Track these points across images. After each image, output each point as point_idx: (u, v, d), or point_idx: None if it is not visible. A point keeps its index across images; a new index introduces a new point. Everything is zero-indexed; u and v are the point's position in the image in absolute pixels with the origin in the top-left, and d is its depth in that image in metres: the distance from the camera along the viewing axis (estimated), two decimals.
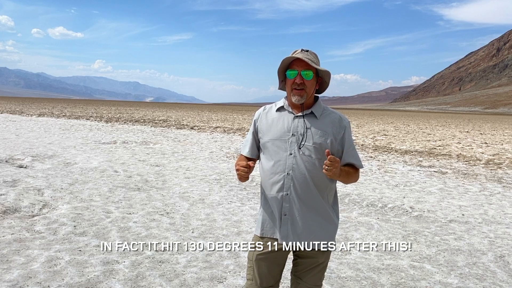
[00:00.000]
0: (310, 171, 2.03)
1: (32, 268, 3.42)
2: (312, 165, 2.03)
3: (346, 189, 7.15)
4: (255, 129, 2.20)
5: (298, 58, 2.02)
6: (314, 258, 2.13)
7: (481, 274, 3.77)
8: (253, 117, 2.24)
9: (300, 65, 2.03)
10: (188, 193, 6.45)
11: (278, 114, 2.14)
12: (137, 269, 3.54)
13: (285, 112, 2.13)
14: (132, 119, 27.50)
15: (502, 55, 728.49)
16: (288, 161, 2.04)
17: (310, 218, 2.06)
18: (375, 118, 53.64)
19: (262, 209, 2.19)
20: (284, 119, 2.11)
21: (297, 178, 2.03)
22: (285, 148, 2.05)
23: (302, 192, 2.04)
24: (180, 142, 14.17)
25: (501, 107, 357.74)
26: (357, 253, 4.18)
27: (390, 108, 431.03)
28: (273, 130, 2.10)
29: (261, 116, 2.19)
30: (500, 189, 7.87)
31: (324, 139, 2.05)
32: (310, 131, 2.05)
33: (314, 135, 2.05)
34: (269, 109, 2.20)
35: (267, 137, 2.11)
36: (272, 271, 2.16)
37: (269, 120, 2.14)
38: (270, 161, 2.09)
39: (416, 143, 16.88)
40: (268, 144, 2.10)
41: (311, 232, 2.07)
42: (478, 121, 53.65)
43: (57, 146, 11.56)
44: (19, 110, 36.16)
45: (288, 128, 2.07)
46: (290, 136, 2.06)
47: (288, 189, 2.04)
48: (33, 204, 5.29)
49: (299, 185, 2.03)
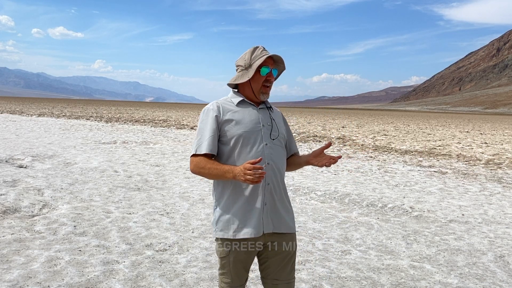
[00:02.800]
0: (282, 160, 2.14)
1: (32, 268, 3.42)
2: (281, 154, 2.15)
3: (346, 189, 7.15)
4: (218, 124, 2.06)
5: (270, 56, 2.10)
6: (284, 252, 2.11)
7: (481, 274, 3.77)
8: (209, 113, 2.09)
9: (270, 63, 2.12)
10: (188, 193, 6.45)
11: (241, 108, 2.12)
12: (137, 269, 3.54)
13: (247, 104, 2.14)
14: (132, 119, 27.50)
15: (502, 55, 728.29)
16: (266, 151, 2.06)
17: (283, 205, 2.14)
18: (375, 118, 53.65)
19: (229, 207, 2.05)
20: (250, 111, 2.12)
21: (275, 167, 2.09)
22: (260, 139, 2.07)
23: (278, 181, 2.10)
24: (180, 142, 14.17)
25: (501, 107, 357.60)
26: (357, 253, 4.18)
27: (390, 108, 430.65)
28: (244, 122, 2.07)
29: (222, 110, 2.09)
30: (500, 189, 7.87)
31: (283, 129, 2.22)
32: (275, 122, 2.17)
33: (278, 125, 2.18)
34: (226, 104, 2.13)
35: (241, 129, 2.05)
36: (247, 266, 2.16)
37: (236, 113, 2.09)
38: (245, 153, 2.03)
39: (416, 143, 16.88)
40: (242, 135, 2.04)
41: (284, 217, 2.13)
42: (478, 121, 53.65)
43: (57, 146, 11.56)
44: (19, 110, 36.16)
45: (257, 119, 2.11)
46: (261, 126, 2.10)
47: (270, 179, 2.06)
48: (33, 204, 5.29)
49: (277, 174, 2.10)
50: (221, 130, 2.07)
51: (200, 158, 2.05)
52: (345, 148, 14.39)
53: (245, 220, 2.03)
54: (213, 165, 2.01)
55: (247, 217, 2.03)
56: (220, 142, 2.09)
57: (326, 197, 6.57)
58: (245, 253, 2.09)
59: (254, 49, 2.13)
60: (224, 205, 2.07)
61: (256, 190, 2.03)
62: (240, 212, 2.04)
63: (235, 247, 2.07)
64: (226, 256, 2.09)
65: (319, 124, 29.90)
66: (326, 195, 6.70)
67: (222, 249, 2.09)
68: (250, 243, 2.07)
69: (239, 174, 1.89)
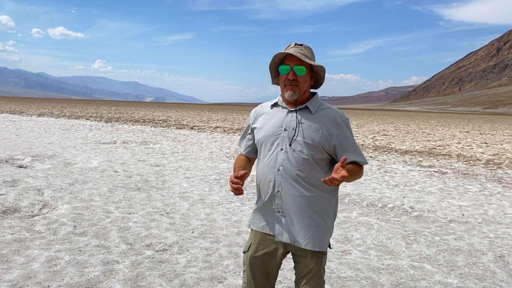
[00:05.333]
0: (301, 168, 1.95)
1: (32, 268, 3.42)
2: (303, 161, 1.95)
3: (346, 189, 7.15)
4: (250, 127, 2.19)
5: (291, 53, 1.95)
6: (305, 263, 2.02)
7: (481, 274, 3.77)
8: (249, 116, 2.22)
9: (293, 60, 1.96)
10: (188, 193, 6.45)
11: (273, 110, 2.10)
12: (137, 269, 3.54)
13: (279, 107, 2.08)
14: (132, 119, 27.50)
15: (502, 55, 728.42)
16: (279, 157, 1.98)
17: (302, 217, 1.97)
18: (375, 118, 53.64)
19: (256, 202, 2.14)
20: (278, 115, 2.06)
21: (288, 175, 1.96)
22: (277, 144, 2.00)
23: (294, 189, 1.96)
24: (180, 142, 14.17)
25: (501, 107, 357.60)
26: (357, 253, 4.18)
27: (390, 108, 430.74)
28: (267, 126, 2.06)
29: (257, 114, 2.16)
30: (500, 189, 7.87)
31: (317, 135, 1.96)
32: (302, 126, 1.98)
33: (306, 130, 1.97)
34: (265, 106, 2.17)
35: (262, 133, 2.06)
36: (266, 273, 2.09)
37: (264, 117, 2.11)
38: (264, 157, 2.05)
39: (416, 143, 16.88)
40: (262, 140, 2.06)
41: (304, 231, 1.97)
42: (478, 121, 53.65)
43: (57, 146, 11.56)
44: (19, 110, 36.16)
45: (281, 123, 2.02)
46: (282, 131, 2.00)
47: (279, 185, 1.97)
48: (33, 204, 5.29)
49: (290, 182, 1.96)
50: (252, 133, 2.19)
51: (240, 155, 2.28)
52: None
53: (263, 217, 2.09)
54: (235, 165, 2.19)
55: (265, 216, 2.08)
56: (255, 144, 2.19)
57: None
58: (263, 253, 2.07)
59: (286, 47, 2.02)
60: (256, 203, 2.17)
61: (268, 195, 2.03)
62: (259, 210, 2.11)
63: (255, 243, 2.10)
64: (246, 251, 2.13)
65: None
66: None
67: (246, 243, 2.16)
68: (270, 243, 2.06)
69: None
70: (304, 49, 1.98)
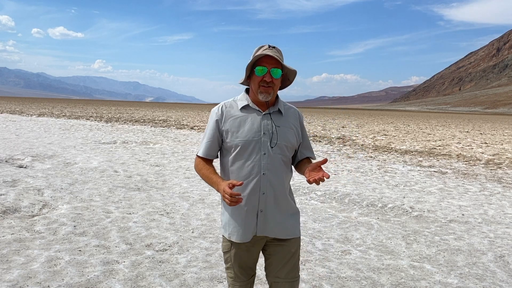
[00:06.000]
0: (281, 168, 2.05)
1: (32, 268, 3.42)
2: (282, 162, 2.05)
3: (346, 189, 7.15)
4: (219, 130, 2.08)
5: (267, 55, 1.95)
6: (285, 249, 2.11)
7: (481, 274, 3.77)
8: (212, 117, 2.11)
9: (269, 62, 1.97)
10: (188, 193, 6.45)
11: (244, 113, 2.06)
12: (137, 269, 3.54)
13: (251, 110, 2.06)
14: (132, 119, 27.50)
15: (502, 55, 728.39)
16: (263, 161, 2.01)
17: (283, 210, 2.09)
18: (375, 118, 53.65)
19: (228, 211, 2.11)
20: (253, 118, 2.04)
21: (273, 177, 2.02)
22: (258, 148, 2.01)
23: (277, 190, 2.05)
24: (180, 142, 14.17)
25: (501, 107, 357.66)
26: (357, 253, 4.18)
27: (390, 108, 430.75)
28: (243, 130, 2.02)
29: (224, 116, 2.07)
30: (500, 189, 7.87)
31: (292, 136, 2.08)
32: (279, 129, 2.04)
33: (283, 133, 2.04)
34: (230, 108, 2.09)
35: (238, 138, 2.02)
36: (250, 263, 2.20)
37: (237, 120, 2.05)
38: (243, 161, 2.02)
39: (416, 143, 16.88)
40: (239, 144, 2.01)
41: (284, 222, 2.09)
42: (478, 121, 53.65)
43: (57, 146, 11.56)
44: (19, 110, 36.16)
45: (258, 127, 2.02)
46: (262, 135, 2.01)
47: (265, 188, 2.02)
48: (33, 204, 5.29)
49: (274, 184, 2.03)
50: (222, 136, 2.09)
51: (200, 159, 2.15)
52: (345, 148, 14.38)
53: (239, 224, 2.07)
54: (206, 172, 2.08)
55: (242, 222, 2.07)
56: (223, 148, 2.11)
57: (326, 197, 6.57)
58: (245, 251, 2.14)
59: (258, 48, 2.03)
60: (224, 206, 2.14)
61: (251, 198, 2.04)
62: (235, 216, 2.08)
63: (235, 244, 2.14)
64: (228, 251, 2.17)
65: (319, 124, 29.90)
66: (326, 195, 6.70)
67: (224, 243, 2.18)
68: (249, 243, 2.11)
69: (221, 192, 1.91)
70: (277, 52, 2.01)
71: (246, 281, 2.22)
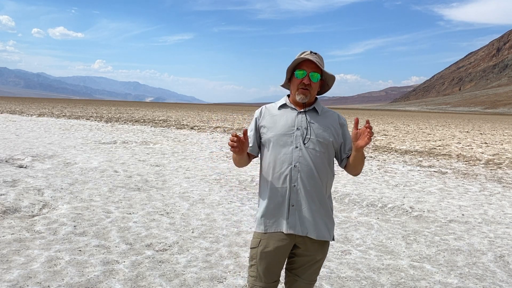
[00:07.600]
0: (315, 163, 2.11)
1: (32, 268, 3.42)
2: (316, 157, 2.11)
3: (346, 189, 7.15)
4: (257, 126, 2.25)
5: (308, 59, 2.09)
6: (312, 255, 2.16)
7: (481, 274, 3.77)
8: (254, 115, 2.29)
9: (309, 67, 2.11)
10: (188, 193, 6.45)
11: (281, 111, 2.21)
12: (137, 269, 3.54)
13: (288, 109, 2.20)
14: (132, 119, 27.50)
15: (502, 55, 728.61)
16: (294, 154, 2.10)
17: (315, 209, 2.12)
18: (375, 118, 53.65)
19: (263, 204, 2.18)
20: (288, 115, 2.17)
21: (303, 170, 2.09)
22: (290, 142, 2.11)
23: (308, 184, 2.10)
24: (180, 142, 14.17)
25: (501, 107, 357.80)
26: (357, 253, 4.18)
27: (390, 108, 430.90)
28: (277, 126, 2.16)
29: (263, 114, 2.24)
30: (500, 189, 7.87)
31: (326, 133, 2.14)
32: (313, 125, 2.14)
33: (317, 129, 2.13)
34: (271, 107, 2.27)
35: (272, 132, 2.16)
36: (275, 266, 2.19)
37: (273, 117, 2.20)
38: (275, 155, 2.14)
39: (416, 143, 16.88)
40: (273, 139, 2.15)
41: (316, 223, 2.11)
42: (478, 121, 53.66)
43: (57, 146, 11.56)
44: (19, 110, 36.16)
45: (292, 123, 2.14)
46: (295, 130, 2.13)
47: (296, 180, 2.09)
48: (33, 204, 5.29)
49: (305, 177, 2.09)
50: (259, 132, 2.24)
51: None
52: None
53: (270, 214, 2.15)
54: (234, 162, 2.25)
55: (273, 212, 2.14)
56: (261, 144, 2.24)
57: None
58: (274, 248, 2.15)
59: (300, 53, 2.16)
60: (260, 204, 2.23)
61: (283, 191, 2.12)
62: (270, 210, 2.15)
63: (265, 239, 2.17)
64: (256, 247, 2.20)
65: None
66: None
67: (254, 239, 2.21)
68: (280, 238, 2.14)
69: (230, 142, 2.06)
70: (319, 57, 2.14)
71: (268, 284, 2.19)
